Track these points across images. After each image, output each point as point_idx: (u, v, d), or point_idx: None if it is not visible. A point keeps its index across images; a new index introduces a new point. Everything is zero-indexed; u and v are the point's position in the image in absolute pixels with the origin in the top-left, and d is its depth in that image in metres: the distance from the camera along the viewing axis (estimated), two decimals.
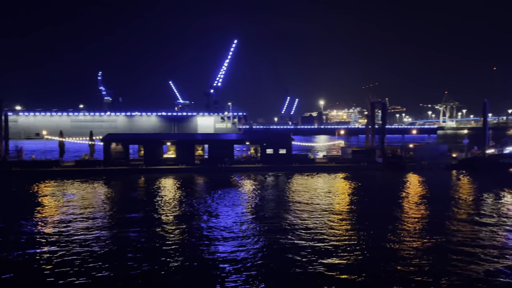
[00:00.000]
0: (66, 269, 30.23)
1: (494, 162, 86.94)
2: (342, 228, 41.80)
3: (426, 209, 50.83)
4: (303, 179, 76.36)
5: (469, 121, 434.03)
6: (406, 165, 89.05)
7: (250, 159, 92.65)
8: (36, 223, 43.56)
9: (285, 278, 29.26)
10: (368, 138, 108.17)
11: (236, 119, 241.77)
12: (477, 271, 29.92)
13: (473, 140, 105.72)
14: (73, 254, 33.55)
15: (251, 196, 59.36)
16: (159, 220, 44.85)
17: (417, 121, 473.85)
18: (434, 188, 65.88)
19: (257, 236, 39.00)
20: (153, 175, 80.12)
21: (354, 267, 30.93)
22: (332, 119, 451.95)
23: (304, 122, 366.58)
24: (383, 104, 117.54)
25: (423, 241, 37.28)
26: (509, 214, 47.44)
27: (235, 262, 31.67)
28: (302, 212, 48.61)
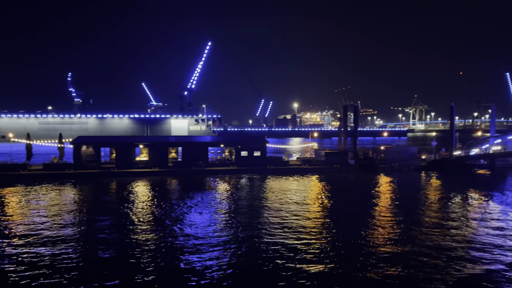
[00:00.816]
0: (32, 274, 29.29)
1: (460, 163, 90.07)
2: (316, 230, 42.19)
3: (396, 210, 52.00)
4: (278, 181, 76.72)
5: (437, 123, 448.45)
6: (378, 167, 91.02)
7: (225, 162, 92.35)
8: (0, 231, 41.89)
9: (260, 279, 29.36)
10: (340, 140, 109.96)
11: (211, 122, 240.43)
12: (445, 272, 30.90)
13: (441, 142, 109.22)
14: (39, 262, 32.47)
15: (225, 199, 59.12)
16: (132, 225, 43.88)
17: (388, 124, 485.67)
18: (404, 189, 67.57)
19: (232, 242, 38.77)
20: (125, 178, 78.58)
21: (329, 268, 31.29)
22: (306, 121, 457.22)
23: (278, 125, 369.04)
24: (355, 107, 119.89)
25: (393, 245, 38.11)
26: (475, 216, 49.20)
27: (211, 271, 31.35)
28: (276, 214, 48.77)
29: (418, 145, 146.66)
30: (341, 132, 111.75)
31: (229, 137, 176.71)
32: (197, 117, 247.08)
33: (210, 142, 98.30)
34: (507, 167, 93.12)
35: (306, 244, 36.88)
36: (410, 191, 65.40)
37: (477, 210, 51.48)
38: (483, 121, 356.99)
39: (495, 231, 40.94)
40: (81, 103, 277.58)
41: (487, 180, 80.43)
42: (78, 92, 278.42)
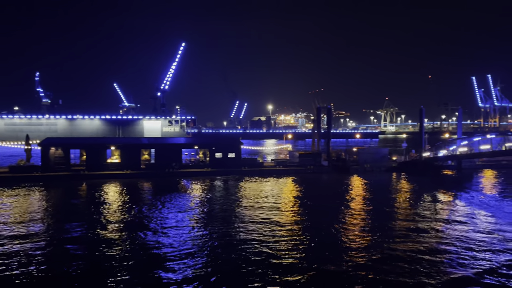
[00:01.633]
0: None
1: (429, 164, 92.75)
2: (291, 233, 42.40)
3: (368, 210, 52.94)
4: (252, 183, 76.73)
5: (408, 125, 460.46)
6: (350, 168, 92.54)
7: (199, 164, 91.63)
8: None
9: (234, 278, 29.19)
10: (314, 142, 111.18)
11: (184, 123, 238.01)
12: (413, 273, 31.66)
13: (411, 143, 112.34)
14: (4, 271, 31.13)
15: (200, 202, 58.57)
16: (103, 231, 42.59)
17: (361, 126, 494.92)
18: (376, 190, 68.94)
19: (207, 249, 38.40)
20: (96, 181, 76.70)
21: (306, 273, 31.48)
22: (280, 123, 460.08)
23: (253, 126, 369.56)
24: (329, 109, 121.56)
25: (365, 249, 38.76)
26: (443, 216, 50.74)
27: (185, 280, 30.97)
28: (251, 216, 48.70)
29: (389, 146, 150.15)
30: (314, 134, 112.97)
31: (204, 138, 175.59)
32: (170, 119, 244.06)
33: (184, 143, 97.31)
34: (473, 168, 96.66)
35: (281, 251, 36.94)
36: (381, 192, 66.73)
37: (445, 210, 53.05)
38: (451, 123, 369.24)
39: (462, 231, 42.26)
40: (49, 104, 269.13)
41: (454, 181, 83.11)
42: (46, 92, 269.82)
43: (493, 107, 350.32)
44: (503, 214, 49.64)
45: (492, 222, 45.54)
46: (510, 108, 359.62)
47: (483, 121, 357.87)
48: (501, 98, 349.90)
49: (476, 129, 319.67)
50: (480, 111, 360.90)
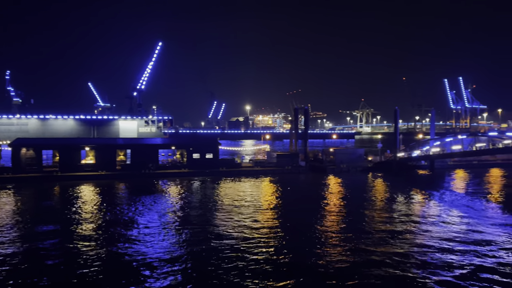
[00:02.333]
0: None
1: (404, 164, 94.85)
2: (268, 235, 42.50)
3: (344, 209, 53.67)
4: (230, 183, 76.54)
5: (383, 126, 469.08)
6: (327, 168, 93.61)
7: (176, 164, 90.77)
8: None
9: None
10: (292, 142, 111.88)
11: (161, 123, 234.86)
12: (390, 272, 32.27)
13: (386, 144, 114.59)
14: None
15: (177, 204, 57.98)
16: (76, 235, 41.44)
17: (337, 127, 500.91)
18: (352, 189, 69.95)
19: (184, 255, 38.03)
20: (69, 182, 74.84)
21: (280, 271, 31.61)
22: (258, 124, 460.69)
23: (231, 127, 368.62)
24: (306, 110, 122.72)
25: (342, 247, 39.25)
26: (417, 214, 51.94)
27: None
28: (229, 218, 48.55)
29: (365, 147, 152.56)
30: (292, 134, 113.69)
31: (181, 139, 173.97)
32: (147, 119, 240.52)
33: (161, 144, 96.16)
34: (445, 167, 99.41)
35: (260, 254, 36.97)
36: (357, 192, 67.74)
37: (419, 209, 54.32)
38: (424, 124, 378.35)
39: (434, 230, 43.35)
40: (20, 103, 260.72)
41: (427, 180, 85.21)
42: (17, 92, 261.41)
43: (464, 109, 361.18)
44: (473, 213, 51.22)
45: (462, 220, 46.89)
46: (480, 110, 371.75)
47: (454, 122, 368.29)
48: (472, 100, 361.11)
49: (448, 130, 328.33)
50: (452, 112, 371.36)
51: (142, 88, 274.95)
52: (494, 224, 45.14)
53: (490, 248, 36.45)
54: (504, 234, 41.00)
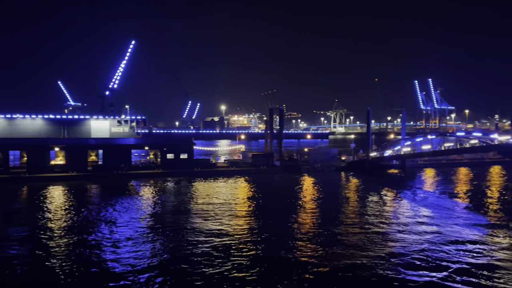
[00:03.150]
0: None
1: (376, 164, 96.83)
2: (243, 233, 42.47)
3: (318, 208, 54.30)
4: (205, 183, 76.05)
5: (356, 127, 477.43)
6: (302, 168, 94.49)
7: (150, 165, 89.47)
8: None
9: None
10: (267, 142, 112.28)
11: (134, 123, 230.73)
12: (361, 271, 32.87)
13: (359, 144, 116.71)
14: None
15: (151, 205, 57.11)
16: (44, 238, 40.12)
17: (312, 127, 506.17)
18: (326, 189, 70.85)
19: (157, 262, 37.48)
20: (38, 184, 72.44)
21: (253, 270, 31.62)
22: (234, 124, 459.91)
23: (206, 127, 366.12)
24: (281, 110, 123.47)
25: (316, 247, 39.68)
26: (389, 213, 53.13)
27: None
28: (203, 220, 48.22)
29: (339, 147, 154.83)
30: (267, 134, 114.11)
31: (155, 139, 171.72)
32: (119, 118, 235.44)
33: (134, 144, 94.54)
34: (416, 166, 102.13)
35: (235, 256, 36.88)
36: (331, 190, 68.70)
37: (390, 208, 55.57)
38: (396, 124, 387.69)
39: (405, 228, 44.46)
40: None
41: (399, 179, 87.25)
42: None
43: (433, 110, 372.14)
44: (441, 210, 52.86)
45: (431, 218, 48.32)
46: (449, 111, 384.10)
47: (424, 122, 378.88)
48: (441, 101, 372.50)
49: (419, 130, 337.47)
50: (422, 113, 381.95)
51: (114, 87, 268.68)
52: (461, 222, 46.73)
53: (457, 245, 37.69)
54: (471, 232, 42.50)
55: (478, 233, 41.77)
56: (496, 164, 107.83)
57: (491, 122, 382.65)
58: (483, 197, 63.03)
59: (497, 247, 36.86)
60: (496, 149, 73.61)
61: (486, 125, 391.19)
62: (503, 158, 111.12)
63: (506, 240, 39.12)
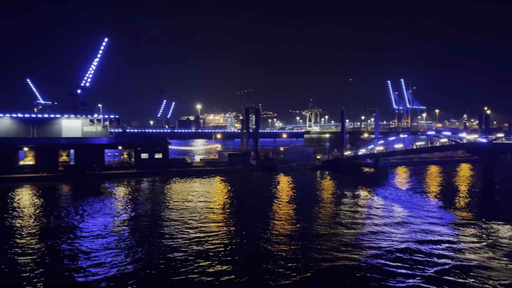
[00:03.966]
0: None
1: (350, 162, 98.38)
2: (220, 234, 42.27)
3: (294, 207, 54.69)
4: (181, 183, 75.27)
5: (331, 126, 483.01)
6: (278, 167, 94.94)
7: (124, 165, 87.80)
8: None
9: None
10: (243, 142, 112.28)
11: (108, 122, 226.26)
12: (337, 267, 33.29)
13: (334, 143, 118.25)
14: None
15: (124, 206, 56.00)
16: (12, 244, 38.54)
17: (287, 126, 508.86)
18: (302, 187, 71.41)
19: (131, 268, 36.89)
20: (6, 185, 69.81)
21: (231, 269, 31.52)
22: (209, 123, 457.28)
23: (181, 126, 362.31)
24: (257, 110, 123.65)
25: (292, 245, 39.94)
26: (363, 210, 54.07)
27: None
28: (178, 220, 47.72)
29: (314, 146, 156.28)
30: (243, 133, 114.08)
31: (128, 138, 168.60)
32: (92, 117, 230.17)
33: (107, 144, 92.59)
34: (389, 165, 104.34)
35: (211, 252, 36.67)
36: (306, 189, 69.28)
37: (364, 205, 56.54)
38: (369, 123, 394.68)
39: (379, 224, 45.36)
40: None
41: (372, 178, 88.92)
42: None
43: (405, 109, 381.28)
44: (413, 207, 54.23)
45: (403, 215, 49.49)
46: (420, 110, 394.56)
47: (397, 121, 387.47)
48: (413, 101, 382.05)
49: (391, 129, 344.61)
50: (395, 112, 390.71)
51: (86, 85, 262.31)
52: (432, 220, 48.08)
53: (430, 244, 38.76)
54: (442, 229, 43.78)
55: (448, 230, 43.05)
56: (464, 162, 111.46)
57: (460, 122, 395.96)
58: (453, 194, 65.02)
59: (467, 242, 38.15)
60: (464, 147, 75.81)
61: (455, 124, 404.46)
62: (471, 156, 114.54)
63: (476, 236, 40.50)
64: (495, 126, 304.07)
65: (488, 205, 56.45)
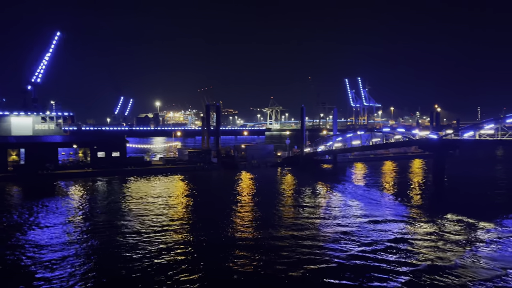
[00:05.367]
0: None
1: (310, 159, 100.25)
2: (179, 233, 41.75)
3: (256, 204, 55.00)
4: (140, 182, 73.51)
5: (291, 123, 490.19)
6: (239, 164, 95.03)
7: (79, 164, 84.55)
8: None
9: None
10: (204, 139, 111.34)
11: (61, 120, 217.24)
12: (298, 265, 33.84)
13: (294, 140, 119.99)
14: None
15: (78, 207, 53.91)
16: None
17: (248, 123, 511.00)
18: (263, 184, 71.91)
19: (87, 266, 35.62)
20: None
21: (192, 268, 31.23)
22: (169, 120, 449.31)
23: (139, 124, 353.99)
24: (217, 107, 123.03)
25: (252, 241, 40.15)
26: (321, 205, 55.27)
27: None
28: (139, 221, 46.64)
29: (275, 143, 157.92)
30: (204, 131, 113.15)
31: (84, 136, 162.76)
32: (44, 115, 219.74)
33: (61, 142, 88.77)
34: (347, 161, 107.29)
35: (169, 250, 36.14)
36: (268, 186, 69.86)
37: (323, 200, 57.82)
38: (328, 121, 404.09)
39: (338, 218, 46.56)
40: None
41: (331, 173, 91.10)
42: None
43: (362, 107, 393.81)
44: (369, 201, 56.13)
45: (361, 209, 51.11)
46: (376, 108, 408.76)
47: (354, 119, 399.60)
48: (369, 99, 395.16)
49: (349, 127, 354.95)
50: (352, 110, 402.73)
51: (37, 81, 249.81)
52: (388, 213, 49.97)
53: (385, 234, 40.27)
54: (396, 221, 45.61)
55: (403, 223, 44.91)
56: (417, 157, 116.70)
57: (413, 119, 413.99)
58: (406, 188, 67.85)
59: (420, 234, 40.04)
60: (417, 143, 79.43)
61: (409, 121, 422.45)
62: (423, 152, 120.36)
63: (427, 228, 42.55)
64: (445, 123, 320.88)
65: (439, 198, 59.46)
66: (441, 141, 67.77)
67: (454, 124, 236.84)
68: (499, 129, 62.02)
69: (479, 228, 41.90)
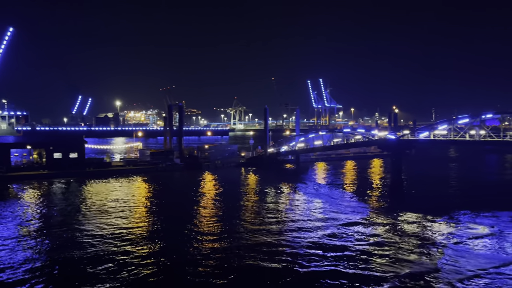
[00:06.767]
0: None
1: (273, 159, 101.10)
2: (140, 236, 40.86)
3: (219, 205, 54.79)
4: (99, 184, 71.22)
5: (255, 124, 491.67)
6: (202, 165, 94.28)
7: (33, 165, 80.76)
8: None
9: None
10: (166, 140, 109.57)
11: (14, 119, 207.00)
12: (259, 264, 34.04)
13: (258, 140, 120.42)
14: None
15: (33, 211, 51.48)
16: None
17: (212, 124, 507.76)
18: (226, 185, 71.73)
19: (42, 271, 34.10)
20: None
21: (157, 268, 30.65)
22: (130, 120, 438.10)
23: (99, 124, 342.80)
24: (180, 107, 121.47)
25: (216, 238, 39.98)
26: (285, 205, 55.91)
27: None
28: (98, 225, 45.19)
29: (238, 143, 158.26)
30: (166, 131, 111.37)
31: (39, 137, 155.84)
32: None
33: (13, 143, 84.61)
34: (309, 161, 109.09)
35: (129, 254, 35.30)
36: (231, 186, 69.76)
37: (286, 200, 58.51)
38: (291, 121, 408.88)
39: (300, 218, 47.27)
40: None
41: (294, 173, 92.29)
42: None
43: (324, 108, 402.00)
44: (331, 201, 57.40)
45: (323, 208, 52.16)
46: (337, 109, 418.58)
47: (316, 119, 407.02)
48: (330, 100, 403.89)
49: (311, 127, 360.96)
50: (314, 111, 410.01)
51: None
52: (349, 210, 51.31)
53: (346, 230, 41.32)
54: (357, 219, 46.90)
55: (363, 221, 46.24)
56: (376, 157, 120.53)
57: (372, 120, 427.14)
58: (366, 187, 69.90)
59: (379, 231, 41.39)
60: (376, 143, 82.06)
61: (368, 122, 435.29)
62: (382, 151, 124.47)
63: (386, 225, 44.06)
64: (402, 123, 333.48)
65: (396, 196, 61.69)
66: (399, 141, 70.35)
67: (411, 125, 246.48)
68: (452, 129, 65.23)
69: (436, 226, 43.89)
